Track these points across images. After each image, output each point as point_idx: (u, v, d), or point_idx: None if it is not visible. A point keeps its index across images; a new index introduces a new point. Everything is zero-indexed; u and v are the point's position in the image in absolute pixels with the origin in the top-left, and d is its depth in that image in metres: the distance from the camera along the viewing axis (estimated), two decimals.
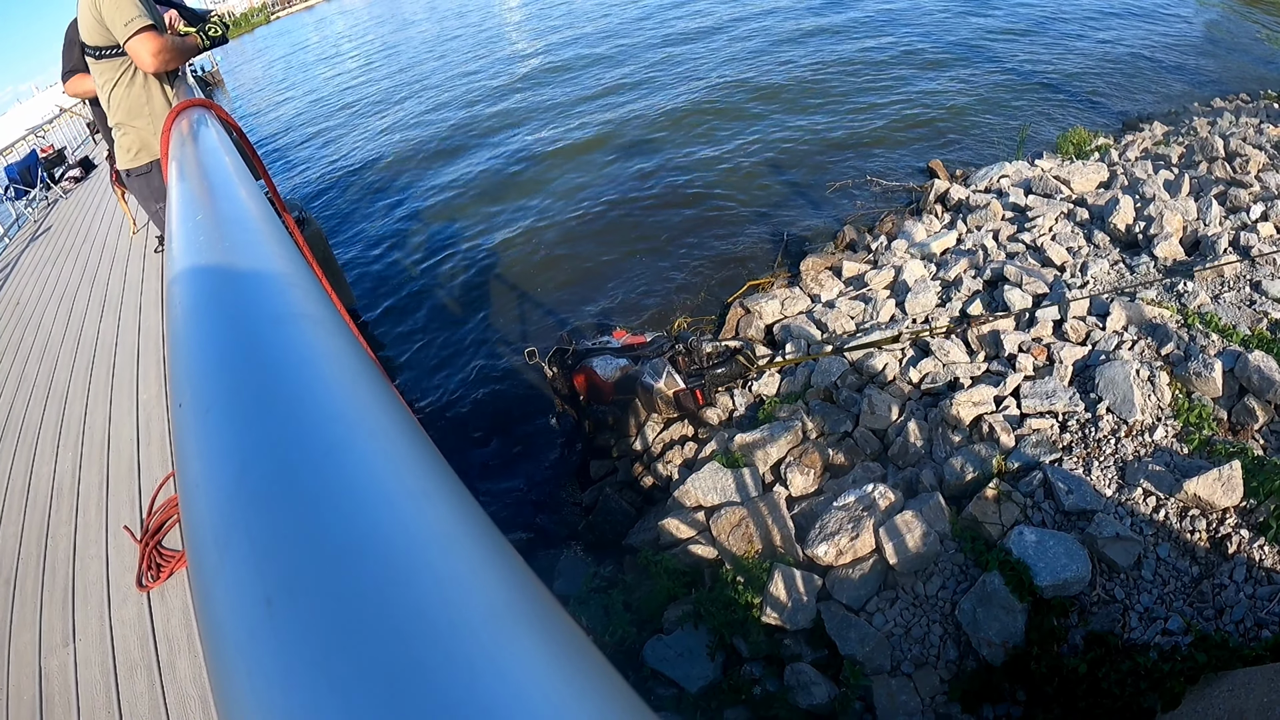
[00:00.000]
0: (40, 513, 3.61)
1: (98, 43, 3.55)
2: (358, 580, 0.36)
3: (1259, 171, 6.41)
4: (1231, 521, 3.65)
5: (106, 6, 3.37)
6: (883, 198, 8.89)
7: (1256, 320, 4.61)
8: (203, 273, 0.81)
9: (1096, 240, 5.99)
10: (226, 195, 1.20)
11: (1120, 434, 4.18)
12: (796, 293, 6.96)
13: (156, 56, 3.44)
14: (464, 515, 0.41)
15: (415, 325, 8.64)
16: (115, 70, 3.65)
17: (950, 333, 5.22)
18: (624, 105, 13.72)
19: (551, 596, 0.37)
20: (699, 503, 4.68)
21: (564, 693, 0.30)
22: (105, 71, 3.67)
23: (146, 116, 3.76)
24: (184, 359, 0.63)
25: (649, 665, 4.01)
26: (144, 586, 2.89)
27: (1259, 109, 8.55)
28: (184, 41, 3.67)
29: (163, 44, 3.45)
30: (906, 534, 3.86)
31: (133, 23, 3.35)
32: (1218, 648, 3.20)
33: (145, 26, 3.38)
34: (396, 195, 12.51)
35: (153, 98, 3.74)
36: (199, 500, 0.47)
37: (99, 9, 3.39)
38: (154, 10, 3.54)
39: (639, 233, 9.32)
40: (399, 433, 0.49)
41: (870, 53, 13.75)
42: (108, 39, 3.48)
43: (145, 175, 3.90)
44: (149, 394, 4.31)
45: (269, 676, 0.33)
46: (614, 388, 5.79)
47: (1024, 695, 3.47)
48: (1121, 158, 7.76)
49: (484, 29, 25.52)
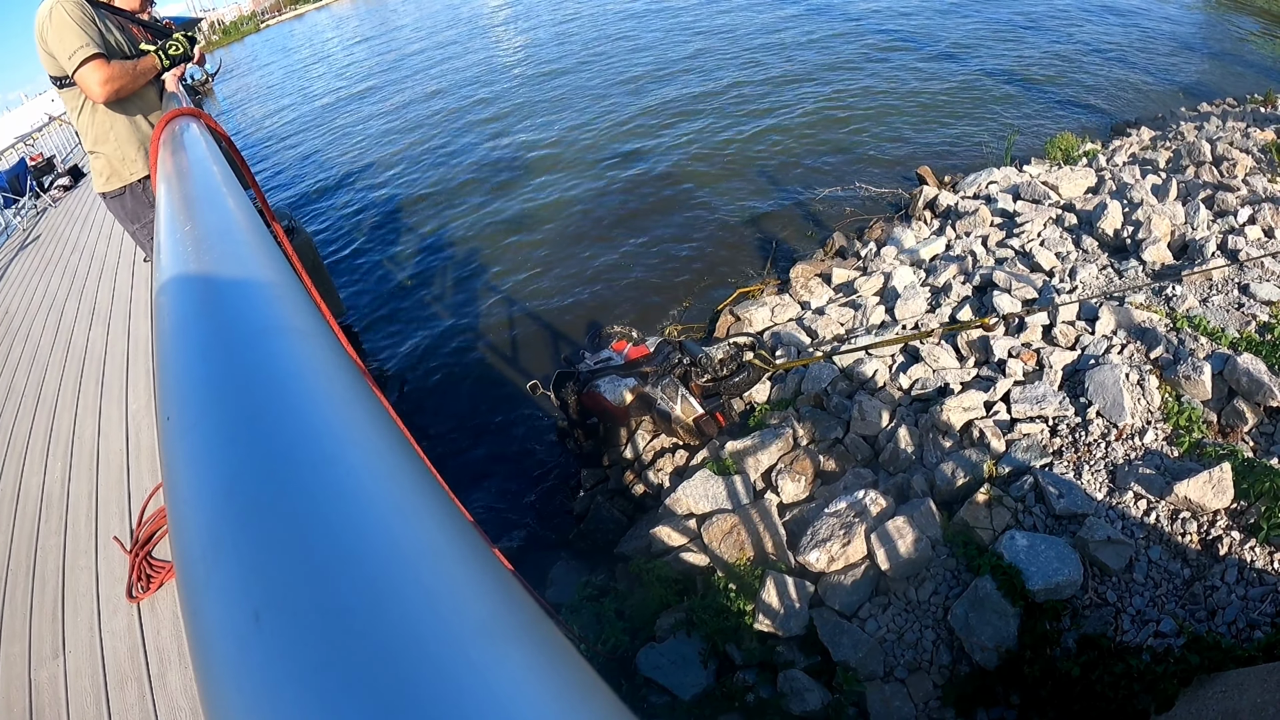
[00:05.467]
0: (29, 523, 3.58)
1: (54, 73, 3.48)
2: (346, 595, 0.36)
3: (1246, 175, 6.45)
4: (1222, 523, 3.66)
5: (51, 39, 3.29)
6: (872, 204, 8.92)
7: (1245, 323, 4.64)
8: (190, 284, 0.81)
9: (1085, 245, 6.02)
10: (215, 205, 1.20)
11: (1110, 437, 4.20)
12: (786, 299, 6.98)
13: (105, 86, 3.37)
14: (453, 529, 0.41)
15: (405, 334, 8.62)
16: (77, 98, 3.58)
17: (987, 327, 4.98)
18: (611, 112, 13.74)
19: (540, 610, 0.37)
20: (690, 510, 4.67)
21: (554, 707, 0.30)
22: (70, 99, 3.60)
23: (113, 142, 3.69)
24: (172, 372, 0.63)
25: (642, 673, 4.00)
26: (134, 598, 2.87)
27: (1246, 113, 8.61)
28: (137, 64, 3.55)
29: (110, 73, 3.36)
30: (898, 539, 3.87)
31: (76, 54, 3.28)
32: (1210, 649, 3.21)
33: (90, 56, 3.30)
34: (386, 204, 12.49)
35: (117, 123, 3.66)
36: (187, 515, 0.47)
37: (46, 41, 3.32)
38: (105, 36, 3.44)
39: (628, 239, 9.32)
40: (388, 446, 0.49)
41: (858, 59, 13.80)
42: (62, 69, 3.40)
43: (119, 198, 3.86)
44: (138, 404, 4.29)
45: (258, 692, 0.33)
46: (627, 412, 5.61)
47: (1018, 699, 3.48)
48: (1109, 163, 7.81)
49: (471, 36, 25.54)
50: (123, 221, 4.01)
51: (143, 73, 3.59)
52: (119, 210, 3.92)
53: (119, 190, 3.82)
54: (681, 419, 5.36)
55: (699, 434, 5.39)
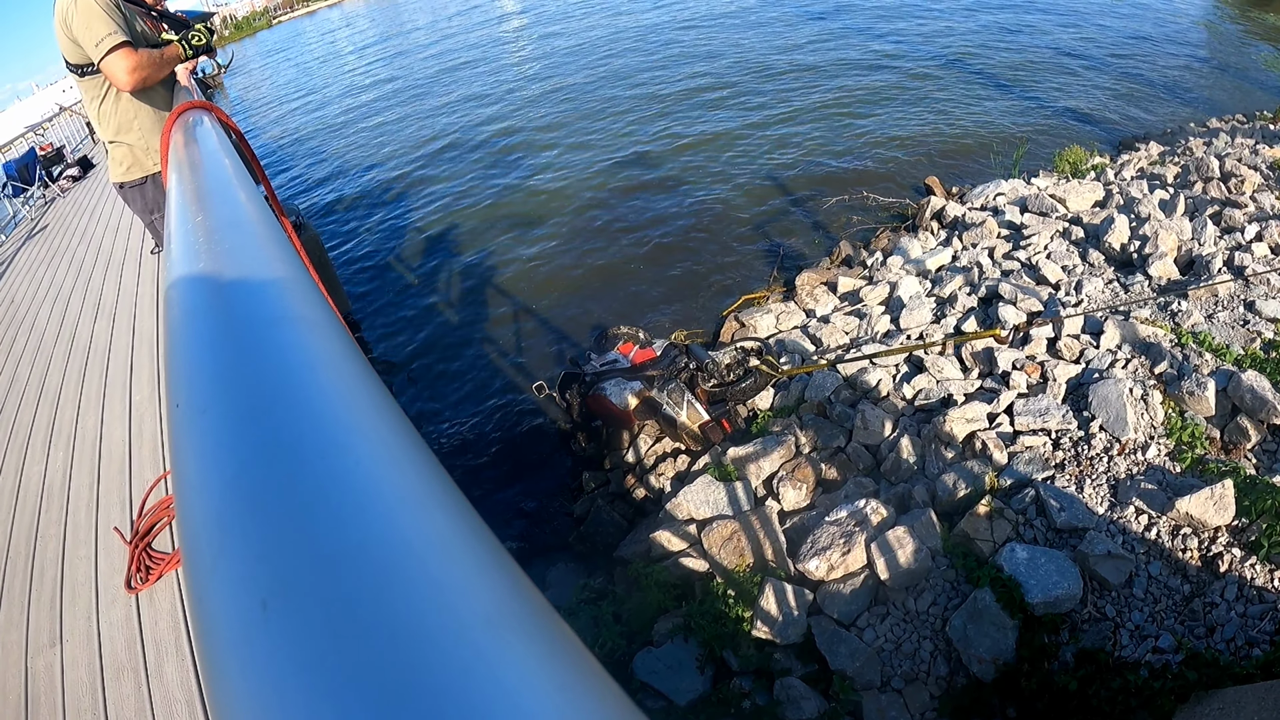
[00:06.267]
0: (30, 513, 3.58)
1: (77, 61, 3.46)
2: (354, 584, 0.36)
3: (1254, 192, 6.44)
4: (1223, 540, 3.65)
5: (77, 25, 3.27)
6: (878, 213, 8.92)
7: (1250, 340, 4.63)
8: (200, 275, 0.81)
9: (1091, 259, 6.02)
10: (225, 198, 1.20)
11: (1113, 452, 4.19)
12: (791, 307, 6.98)
13: (132, 75, 3.35)
14: (460, 520, 0.41)
15: (410, 332, 8.63)
16: (99, 87, 3.56)
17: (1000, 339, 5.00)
18: (622, 118, 13.75)
19: (547, 603, 0.37)
20: (691, 515, 4.67)
21: (559, 700, 0.30)
22: (90, 88, 3.58)
23: (136, 131, 3.67)
24: (181, 360, 0.63)
25: (638, 677, 3.99)
26: (133, 589, 2.87)
27: (1254, 130, 8.60)
28: (163, 53, 3.55)
29: (137, 61, 3.35)
30: (898, 549, 3.86)
31: (104, 42, 3.26)
32: (1208, 666, 3.21)
33: (118, 44, 3.28)
34: (394, 202, 12.51)
35: (141, 112, 3.64)
36: (194, 501, 0.47)
37: (70, 28, 3.30)
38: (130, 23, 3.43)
39: (634, 242, 9.33)
40: (395, 437, 0.49)
41: (867, 69, 13.81)
42: (85, 57, 3.39)
43: (139, 188, 3.85)
44: (141, 396, 4.30)
45: (263, 679, 0.33)
46: (632, 416, 5.58)
47: (1014, 712, 3.47)
48: (1117, 177, 7.80)
49: (484, 35, 25.58)
50: (140, 212, 4.00)
51: (167, 62, 3.59)
52: (138, 200, 3.91)
53: (140, 180, 3.81)
54: (687, 425, 5.35)
55: (704, 440, 5.38)
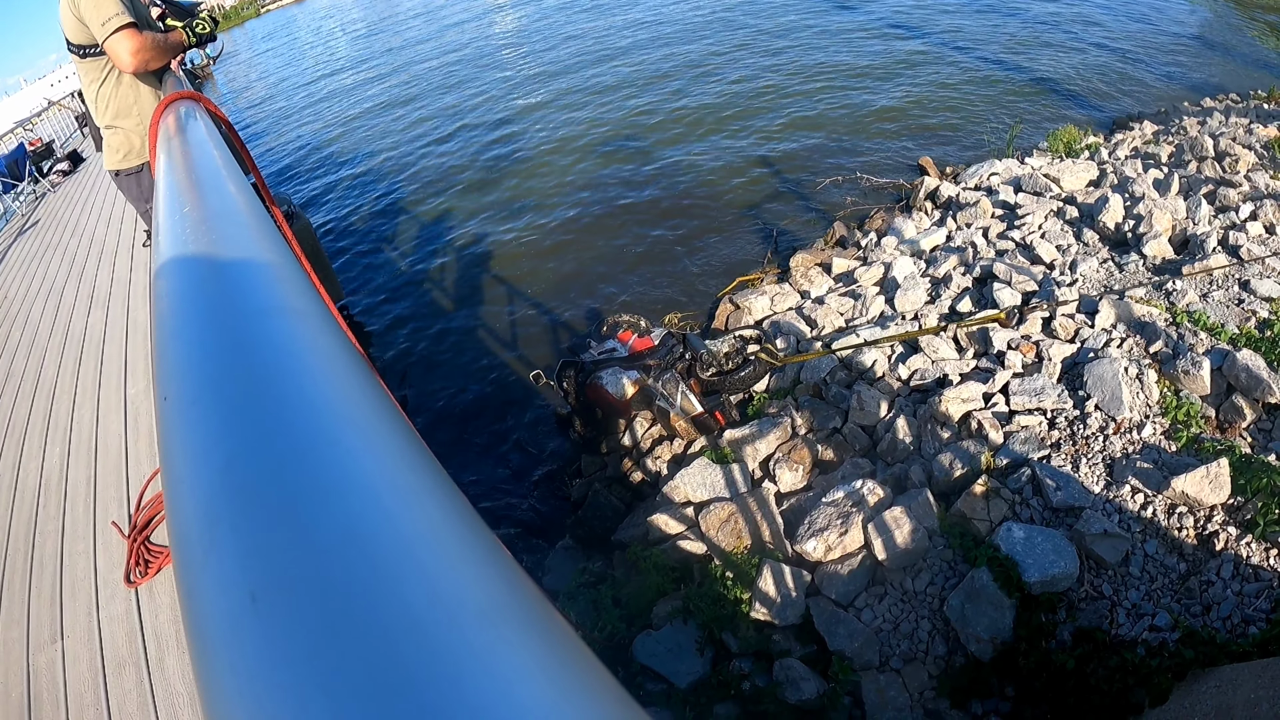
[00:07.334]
0: (28, 509, 3.58)
1: (80, 41, 3.44)
2: (344, 576, 0.35)
3: (1248, 171, 6.44)
4: (1219, 518, 3.67)
5: (84, 4, 3.25)
6: (873, 194, 8.90)
7: (1245, 319, 4.64)
8: (189, 266, 0.81)
9: (1086, 238, 6.01)
10: (214, 188, 1.19)
11: (1108, 431, 4.20)
12: (786, 289, 6.97)
13: (136, 55, 3.33)
14: (452, 511, 0.40)
15: (404, 320, 8.60)
16: (100, 69, 3.54)
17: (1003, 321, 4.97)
18: (615, 103, 13.69)
19: (541, 594, 0.36)
20: (688, 498, 4.68)
21: (553, 692, 0.30)
22: (90, 70, 3.55)
23: (135, 116, 3.65)
24: (170, 352, 0.63)
25: (638, 661, 4.01)
26: (132, 583, 2.87)
27: (1249, 109, 8.60)
28: (167, 38, 3.55)
29: (142, 42, 3.33)
30: (895, 530, 3.87)
31: (110, 21, 3.24)
32: (1205, 644, 3.22)
33: (124, 25, 3.27)
34: (386, 190, 12.45)
35: (141, 97, 3.63)
36: (183, 494, 0.46)
37: (78, 7, 3.28)
38: (136, 6, 3.43)
39: (628, 228, 9.30)
40: (387, 427, 0.48)
41: (859, 50, 13.76)
42: (89, 37, 3.37)
43: (135, 175, 3.82)
44: (136, 389, 4.29)
45: (253, 673, 0.33)
46: (629, 405, 5.59)
47: (1012, 691, 3.49)
48: (1111, 156, 7.79)
49: (477, 24, 25.43)
50: (134, 200, 3.98)
51: (171, 47, 3.58)
52: (133, 188, 3.88)
53: (136, 168, 3.79)
54: (680, 416, 5.37)
55: (699, 430, 5.39)
